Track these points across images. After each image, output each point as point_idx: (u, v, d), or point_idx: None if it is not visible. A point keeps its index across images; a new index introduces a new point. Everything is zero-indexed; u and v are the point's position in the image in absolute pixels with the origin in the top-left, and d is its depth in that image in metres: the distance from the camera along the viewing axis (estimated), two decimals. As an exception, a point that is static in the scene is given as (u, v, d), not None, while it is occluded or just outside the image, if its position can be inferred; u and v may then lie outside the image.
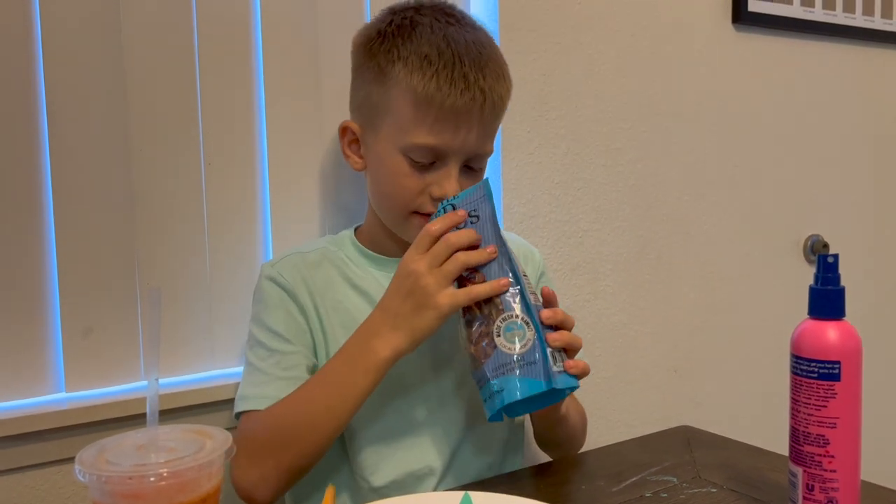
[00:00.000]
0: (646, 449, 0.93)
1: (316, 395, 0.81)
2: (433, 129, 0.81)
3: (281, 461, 0.80)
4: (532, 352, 0.73)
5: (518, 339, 0.73)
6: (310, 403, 0.80)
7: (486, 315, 0.75)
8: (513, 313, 0.74)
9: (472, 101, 0.81)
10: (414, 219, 0.86)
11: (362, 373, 0.77)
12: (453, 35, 0.83)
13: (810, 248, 1.57)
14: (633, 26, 1.31)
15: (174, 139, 0.95)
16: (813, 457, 0.67)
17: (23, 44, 0.86)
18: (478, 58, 0.82)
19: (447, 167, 0.84)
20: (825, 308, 0.68)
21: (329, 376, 0.81)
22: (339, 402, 0.78)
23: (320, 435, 0.79)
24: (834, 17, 1.54)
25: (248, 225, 1.00)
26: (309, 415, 0.80)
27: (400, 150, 0.84)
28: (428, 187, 0.84)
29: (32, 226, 0.88)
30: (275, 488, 0.80)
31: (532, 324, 0.74)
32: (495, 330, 0.74)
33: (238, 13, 0.98)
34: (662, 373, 1.39)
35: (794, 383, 0.69)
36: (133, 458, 0.55)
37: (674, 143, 1.38)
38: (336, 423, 0.79)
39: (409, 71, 0.81)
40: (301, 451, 0.80)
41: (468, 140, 0.83)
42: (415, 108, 0.81)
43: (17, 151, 0.87)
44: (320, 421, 0.79)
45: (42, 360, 0.89)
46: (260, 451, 0.81)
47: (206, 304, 0.97)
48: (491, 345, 0.74)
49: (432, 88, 0.80)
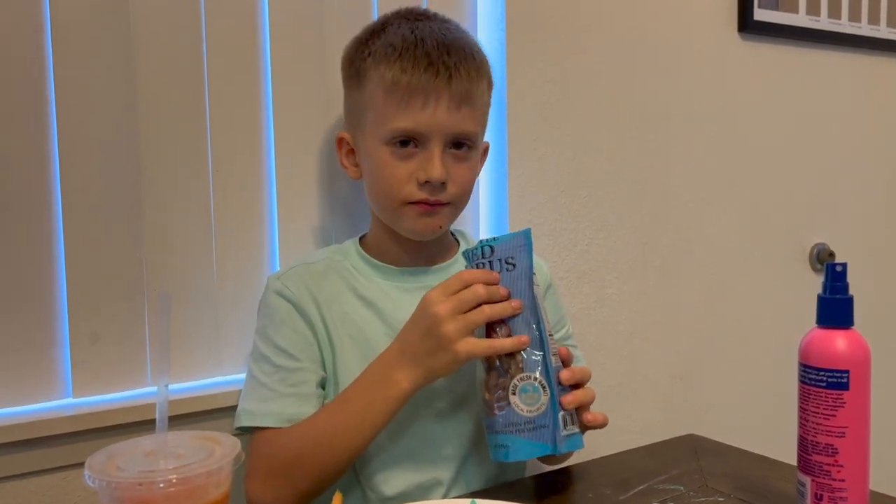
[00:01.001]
0: (652, 457, 0.93)
1: (336, 420, 0.81)
2: (404, 111, 0.83)
3: (298, 483, 0.80)
4: (544, 416, 0.74)
5: (532, 402, 0.74)
6: (330, 428, 0.81)
7: (505, 368, 0.76)
8: (532, 375, 0.75)
9: (437, 75, 0.82)
10: (406, 209, 0.86)
11: (382, 401, 0.78)
12: (420, 27, 0.86)
13: (816, 256, 1.56)
14: (638, 35, 1.31)
15: (182, 147, 0.95)
16: (821, 466, 0.67)
17: (33, 53, 0.87)
18: (441, 39, 0.85)
19: (428, 150, 0.84)
20: (833, 317, 0.68)
21: (350, 403, 0.81)
22: (358, 429, 0.79)
23: (338, 459, 0.80)
24: (840, 26, 1.54)
25: (255, 232, 1.00)
26: (328, 438, 0.80)
27: (382, 142, 0.85)
28: (414, 174, 0.85)
29: (41, 233, 0.88)
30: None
31: (548, 388, 0.75)
32: (512, 387, 0.75)
33: (246, 23, 0.99)
34: (668, 381, 1.39)
35: (803, 392, 0.69)
36: (142, 465, 0.55)
37: (679, 151, 1.38)
38: (355, 448, 0.80)
39: (377, 62, 0.84)
40: (318, 475, 0.80)
41: (439, 117, 0.83)
42: (385, 95, 0.83)
43: (27, 159, 0.87)
44: (339, 446, 0.80)
45: (50, 366, 0.89)
46: (277, 472, 0.81)
47: (213, 311, 0.98)
48: (505, 399, 0.75)
49: (397, 71, 0.82)
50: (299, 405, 0.84)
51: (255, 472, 0.82)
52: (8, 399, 0.87)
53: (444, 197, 0.86)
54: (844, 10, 1.54)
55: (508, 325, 0.77)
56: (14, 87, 0.86)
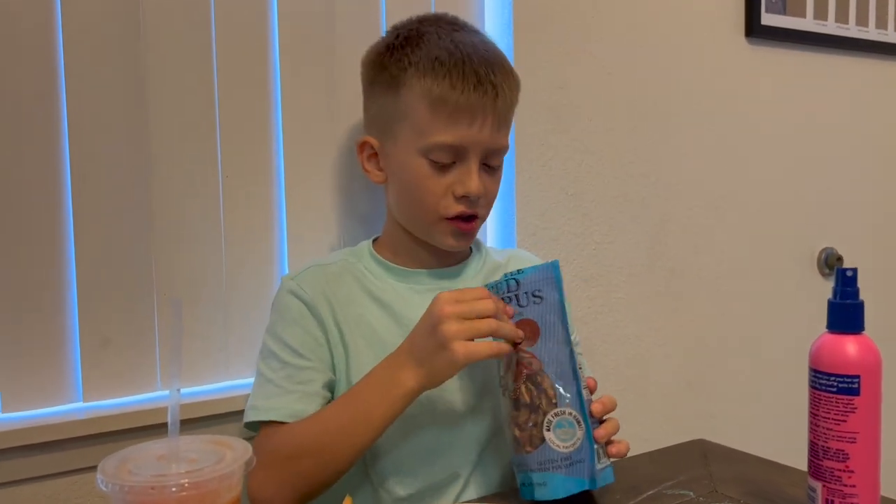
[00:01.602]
0: (661, 463, 0.92)
1: (341, 417, 0.81)
2: (450, 126, 0.83)
3: (299, 478, 0.80)
4: (580, 451, 0.73)
5: (568, 438, 0.73)
6: (334, 424, 0.81)
7: (536, 404, 0.75)
8: (566, 410, 0.74)
9: (485, 94, 0.84)
10: (442, 225, 0.87)
11: (389, 401, 0.78)
12: (460, 39, 0.86)
13: (824, 261, 1.56)
14: (645, 39, 1.32)
15: (192, 152, 0.96)
16: (832, 472, 0.67)
17: (45, 60, 0.88)
18: (486, 55, 0.86)
19: (467, 164, 0.85)
20: (844, 322, 0.67)
21: (356, 401, 0.81)
22: (363, 427, 0.79)
23: (341, 456, 0.80)
24: (847, 31, 1.54)
25: (265, 237, 1.01)
26: (332, 435, 0.80)
27: (420, 153, 0.85)
28: (451, 187, 0.85)
29: (52, 238, 0.89)
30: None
31: (583, 422, 0.74)
32: (546, 423, 0.74)
33: (255, 30, 0.99)
34: (676, 386, 1.39)
35: (813, 398, 0.69)
36: (154, 469, 0.55)
37: (687, 155, 1.38)
38: (359, 446, 0.80)
39: (422, 74, 0.84)
40: (320, 471, 0.80)
41: (484, 134, 0.85)
42: (430, 108, 0.84)
43: (38, 164, 0.88)
44: (342, 442, 0.80)
45: (60, 371, 0.90)
46: (279, 466, 0.81)
47: (223, 316, 0.98)
48: (539, 437, 0.74)
49: (446, 87, 0.83)
50: (305, 402, 0.84)
51: (258, 464, 0.82)
52: (19, 403, 0.88)
53: (477, 210, 0.87)
54: (852, 15, 1.54)
55: (539, 358, 0.75)
56: (25, 93, 0.87)
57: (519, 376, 0.75)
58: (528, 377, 0.75)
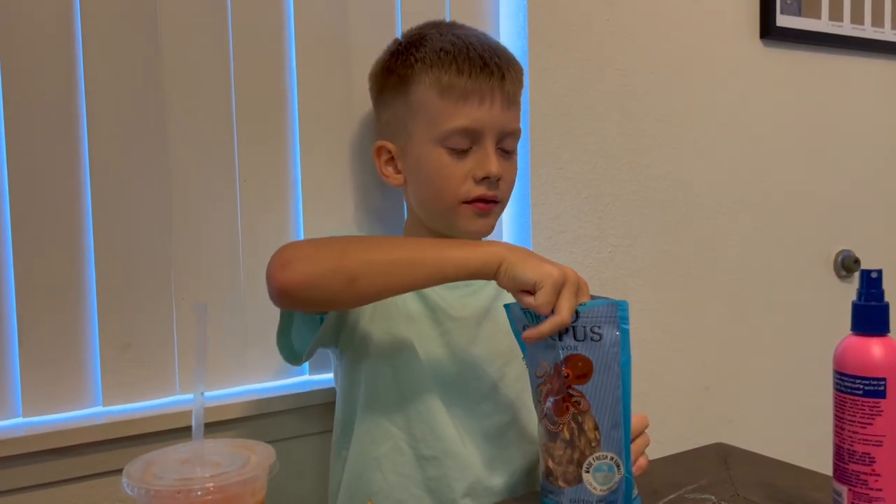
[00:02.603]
0: (681, 466, 0.92)
1: (401, 244, 0.80)
2: (462, 110, 0.86)
3: (346, 255, 0.75)
4: (615, 493, 0.72)
5: (606, 482, 0.71)
6: (389, 246, 0.78)
7: (575, 444, 0.72)
8: (609, 455, 0.72)
9: (492, 76, 0.87)
10: (462, 209, 0.88)
11: (463, 251, 0.75)
12: (461, 33, 0.91)
13: (841, 263, 1.55)
14: (661, 42, 1.31)
15: (210, 157, 0.96)
16: (858, 475, 0.66)
17: (65, 66, 0.88)
18: (487, 43, 0.90)
19: (484, 148, 0.87)
20: (869, 324, 0.67)
21: (425, 242, 0.80)
22: (421, 262, 0.74)
23: (378, 275, 0.75)
24: (863, 32, 1.53)
25: (282, 240, 1.00)
26: (382, 251, 0.76)
27: (437, 143, 0.87)
28: (470, 172, 0.87)
29: (72, 243, 0.89)
30: (318, 270, 0.74)
31: (623, 465, 0.72)
32: (586, 465, 0.72)
33: (272, 35, 0.99)
34: (693, 390, 1.38)
35: (838, 400, 0.68)
36: (179, 472, 0.55)
37: (703, 158, 1.37)
38: (402, 278, 0.75)
39: (429, 66, 0.87)
40: (371, 262, 0.75)
41: (494, 114, 0.87)
42: (441, 96, 0.86)
43: (58, 170, 0.89)
44: (389, 262, 0.75)
45: (81, 375, 0.90)
46: (327, 240, 0.82)
47: (241, 319, 0.98)
48: (575, 475, 0.72)
49: (453, 74, 0.86)
50: None
51: (298, 242, 0.81)
52: (39, 407, 0.88)
53: (497, 193, 0.88)
54: (867, 15, 1.53)
55: (588, 399, 0.72)
56: (46, 99, 0.88)
57: (565, 412, 0.72)
58: (573, 416, 0.72)
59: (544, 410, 0.74)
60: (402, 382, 0.87)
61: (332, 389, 0.99)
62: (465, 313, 0.90)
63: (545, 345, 0.73)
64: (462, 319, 0.90)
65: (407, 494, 0.86)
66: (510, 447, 0.90)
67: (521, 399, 0.91)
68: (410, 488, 0.86)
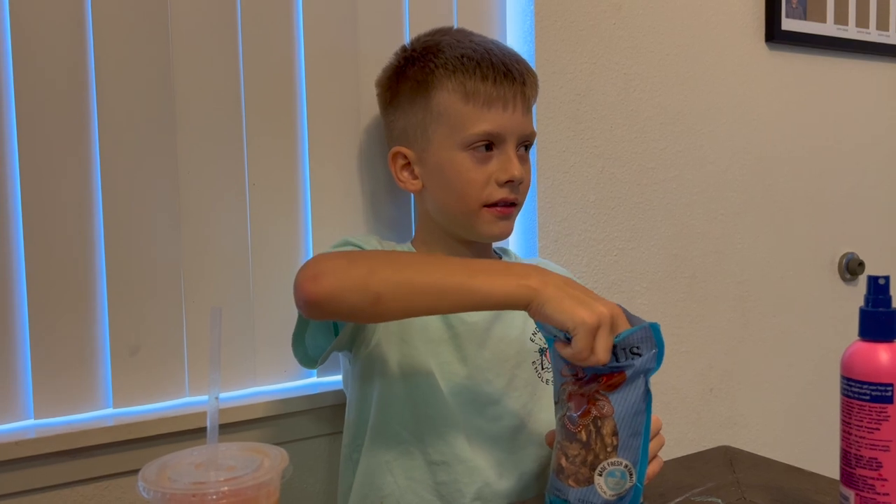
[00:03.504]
0: (687, 469, 0.92)
1: (452, 261, 0.75)
2: (486, 115, 0.87)
3: (375, 272, 0.73)
4: (622, 499, 0.73)
5: (617, 487, 0.72)
6: (419, 266, 0.75)
7: (591, 446, 0.72)
8: (622, 461, 0.72)
9: (514, 82, 0.89)
10: (484, 213, 0.89)
11: (493, 278, 0.71)
12: (477, 40, 0.92)
13: (845, 265, 1.55)
14: (666, 46, 1.32)
15: (219, 162, 0.97)
16: (865, 480, 0.67)
17: (77, 73, 0.89)
18: (505, 50, 0.92)
19: (505, 152, 0.89)
20: (876, 330, 0.67)
21: (457, 262, 0.75)
22: (447, 286, 0.72)
23: (425, 288, 0.72)
24: (868, 35, 1.53)
25: (291, 245, 1.01)
26: (410, 271, 0.73)
27: (459, 147, 0.88)
28: (492, 175, 0.88)
29: (83, 247, 0.90)
30: (346, 285, 0.72)
31: (636, 473, 0.72)
32: (599, 468, 0.72)
33: (281, 41, 1.00)
34: (698, 392, 1.38)
35: (846, 405, 0.69)
36: (193, 476, 0.56)
37: (708, 161, 1.38)
38: (426, 300, 0.73)
39: (451, 71, 0.88)
40: (399, 282, 0.72)
41: (517, 119, 0.89)
42: (465, 102, 0.87)
43: (70, 176, 0.89)
44: (415, 283, 0.72)
45: (91, 378, 0.91)
46: (358, 255, 0.79)
47: (250, 323, 0.99)
48: (587, 476, 0.72)
49: (478, 80, 0.87)
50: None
51: (334, 253, 0.79)
52: (50, 409, 0.89)
53: (517, 196, 0.90)
54: (872, 19, 1.54)
55: (612, 403, 0.71)
56: (58, 107, 0.88)
57: (586, 414, 0.72)
58: (594, 419, 0.72)
59: (565, 410, 0.75)
60: (413, 388, 0.87)
61: (342, 391, 0.99)
62: (477, 317, 0.90)
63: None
64: (473, 323, 0.90)
65: (418, 498, 0.86)
66: (520, 451, 0.90)
67: (531, 402, 0.91)
68: (421, 492, 0.87)
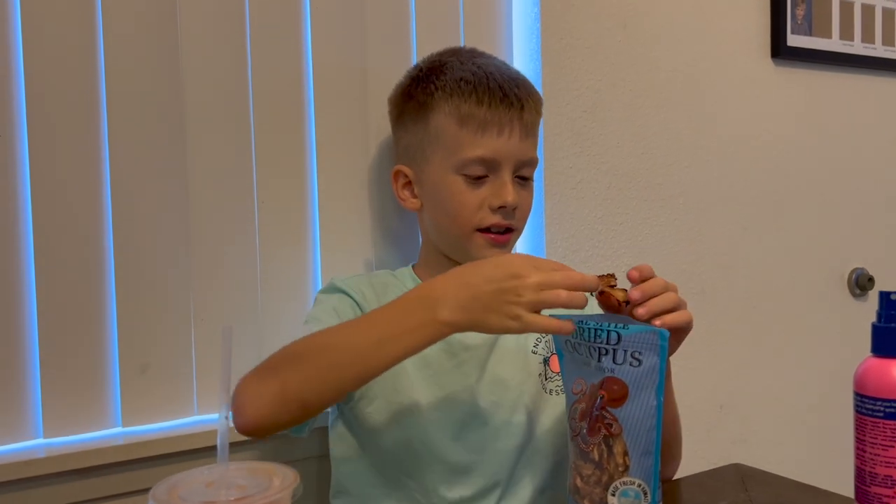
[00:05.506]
0: (699, 487, 0.91)
1: (351, 333, 0.73)
2: (480, 140, 0.87)
3: (286, 383, 0.72)
4: None
5: None
6: (342, 340, 0.72)
7: (604, 466, 0.71)
8: (636, 481, 0.71)
9: (511, 107, 0.88)
10: (476, 237, 0.88)
11: (417, 325, 0.68)
12: (481, 62, 0.91)
13: (855, 281, 1.54)
14: (673, 63, 1.32)
15: (228, 181, 0.97)
16: (881, 498, 0.66)
17: (88, 91, 0.90)
18: (507, 73, 0.91)
19: (500, 177, 0.88)
20: (890, 346, 0.67)
21: (373, 321, 0.72)
22: (370, 350, 0.69)
23: (335, 377, 0.71)
24: (874, 51, 1.54)
25: (299, 262, 1.02)
26: (335, 350, 0.72)
27: (454, 170, 0.88)
28: (486, 200, 0.88)
29: (92, 266, 0.90)
30: (267, 411, 0.71)
31: (650, 493, 0.71)
32: (612, 488, 0.71)
33: (290, 59, 1.01)
34: (708, 409, 1.37)
35: (859, 423, 0.68)
36: (203, 495, 0.55)
37: (715, 178, 1.38)
38: (358, 370, 0.70)
39: (449, 95, 0.88)
40: (308, 384, 0.71)
41: (512, 144, 0.88)
42: (460, 125, 0.87)
43: (79, 193, 0.90)
44: (343, 361, 0.71)
45: (100, 397, 0.91)
46: (270, 369, 0.75)
47: (258, 340, 0.99)
48: (601, 497, 0.71)
49: (473, 104, 0.87)
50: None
51: (251, 372, 0.76)
52: (60, 429, 0.89)
53: (512, 222, 0.89)
54: (878, 35, 1.54)
55: (621, 422, 0.70)
56: (68, 126, 0.89)
57: (596, 433, 0.72)
58: (604, 438, 0.71)
59: (577, 429, 0.74)
60: (406, 428, 0.86)
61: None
62: (478, 340, 0.90)
63: (583, 362, 0.73)
64: (476, 347, 0.90)
65: None
66: (522, 469, 0.90)
67: (533, 422, 0.91)
68: None
